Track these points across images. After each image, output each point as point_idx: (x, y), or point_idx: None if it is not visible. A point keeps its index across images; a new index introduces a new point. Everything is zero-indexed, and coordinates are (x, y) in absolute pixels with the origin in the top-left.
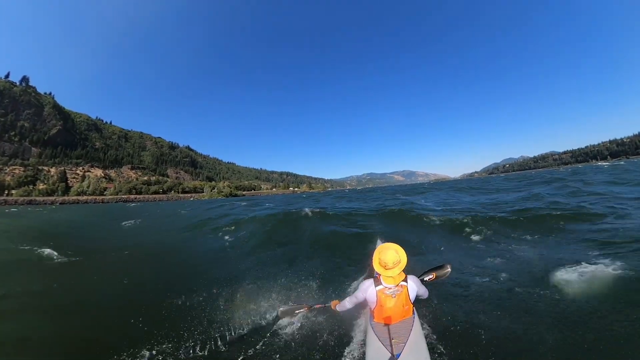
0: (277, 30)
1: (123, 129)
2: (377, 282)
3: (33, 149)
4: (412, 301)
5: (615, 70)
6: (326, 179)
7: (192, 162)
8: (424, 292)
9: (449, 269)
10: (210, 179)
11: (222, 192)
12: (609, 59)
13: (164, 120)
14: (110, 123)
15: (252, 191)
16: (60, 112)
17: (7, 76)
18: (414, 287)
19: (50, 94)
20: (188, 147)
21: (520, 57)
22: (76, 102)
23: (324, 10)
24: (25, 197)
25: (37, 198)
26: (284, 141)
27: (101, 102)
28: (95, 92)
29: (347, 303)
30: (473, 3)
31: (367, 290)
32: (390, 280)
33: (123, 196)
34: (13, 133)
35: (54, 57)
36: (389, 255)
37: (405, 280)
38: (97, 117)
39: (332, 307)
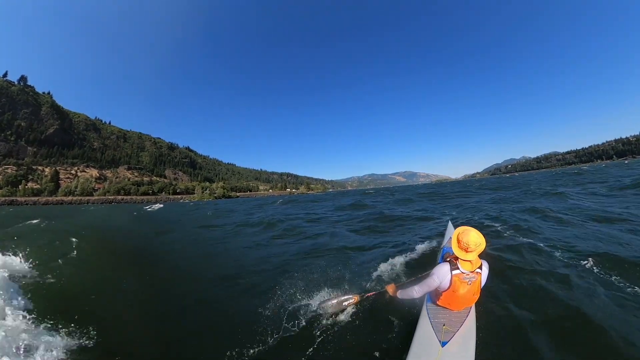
0: (279, 31)
1: (122, 129)
2: (454, 267)
3: (29, 148)
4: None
5: (619, 68)
6: (327, 179)
7: (192, 162)
8: (486, 280)
9: None
10: (208, 180)
11: (215, 193)
12: (613, 56)
13: (164, 121)
14: (109, 123)
15: (248, 192)
16: (58, 112)
17: (4, 75)
18: (486, 274)
19: (48, 93)
20: (188, 148)
21: (520, 57)
22: (75, 102)
23: (326, 10)
24: (7, 197)
25: (19, 198)
26: (287, 143)
27: (101, 102)
28: (95, 92)
29: (416, 292)
30: (473, 4)
31: (445, 276)
32: (468, 266)
33: (110, 197)
34: (9, 132)
35: (55, 57)
36: (472, 237)
37: (480, 267)
38: (96, 117)
39: (390, 293)
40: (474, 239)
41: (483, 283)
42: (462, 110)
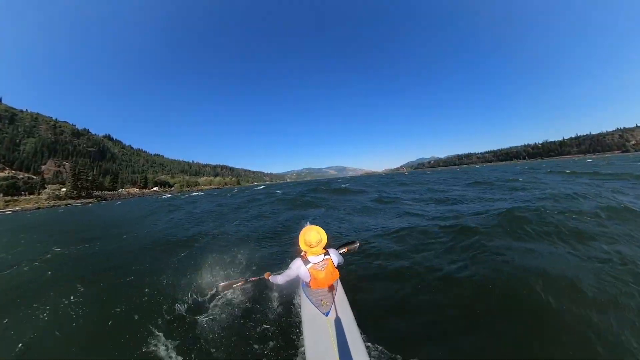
0: (214, 19)
1: (11, 108)
2: (306, 261)
3: None
4: (336, 267)
5: (541, 73)
6: (266, 172)
7: (101, 152)
8: (341, 261)
9: (358, 244)
10: (106, 173)
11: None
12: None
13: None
14: None
15: (119, 193)
16: None
17: None
18: (335, 257)
19: None
20: (108, 137)
21: (441, 64)
22: None
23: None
24: None
25: None
26: (233, 136)
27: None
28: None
29: (280, 279)
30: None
31: (298, 268)
32: (315, 257)
33: None
34: None
35: None
36: (312, 236)
37: (327, 253)
38: None
39: (266, 278)
40: (314, 237)
41: (336, 263)
42: (383, 111)
